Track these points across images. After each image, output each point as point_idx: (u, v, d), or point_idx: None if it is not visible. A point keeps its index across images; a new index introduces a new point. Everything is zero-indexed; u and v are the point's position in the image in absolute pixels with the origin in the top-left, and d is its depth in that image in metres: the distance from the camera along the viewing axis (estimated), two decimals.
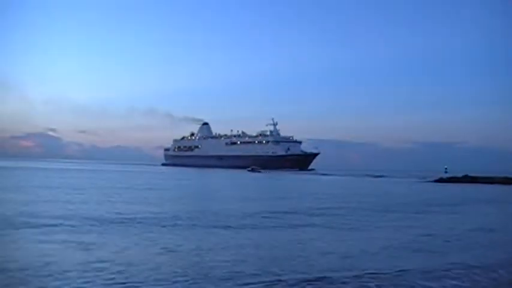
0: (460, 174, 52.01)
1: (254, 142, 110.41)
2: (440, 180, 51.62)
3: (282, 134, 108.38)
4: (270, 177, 57.61)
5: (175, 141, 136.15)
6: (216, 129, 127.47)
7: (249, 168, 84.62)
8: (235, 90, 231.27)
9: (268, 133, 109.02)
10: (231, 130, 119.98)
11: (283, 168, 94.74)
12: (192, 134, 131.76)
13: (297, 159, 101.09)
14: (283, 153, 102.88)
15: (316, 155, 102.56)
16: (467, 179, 49.62)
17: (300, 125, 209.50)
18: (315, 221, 14.68)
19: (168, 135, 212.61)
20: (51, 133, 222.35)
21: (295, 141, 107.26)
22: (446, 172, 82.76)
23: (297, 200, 23.81)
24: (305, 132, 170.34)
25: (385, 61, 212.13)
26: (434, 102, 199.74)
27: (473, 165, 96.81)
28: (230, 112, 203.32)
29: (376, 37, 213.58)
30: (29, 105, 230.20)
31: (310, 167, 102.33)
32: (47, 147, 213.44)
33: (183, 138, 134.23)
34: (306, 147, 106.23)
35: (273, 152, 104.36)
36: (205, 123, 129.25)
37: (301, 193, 29.50)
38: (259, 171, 79.88)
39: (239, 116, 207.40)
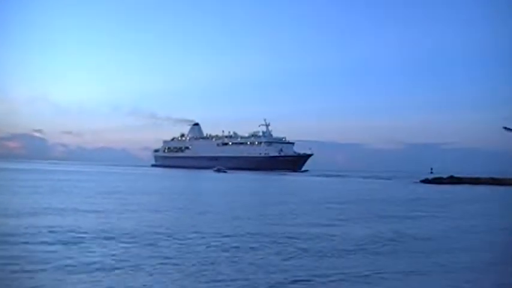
0: (445, 175, 54.55)
1: (246, 143, 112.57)
2: (426, 181, 54.05)
3: (274, 135, 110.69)
4: (254, 180, 59.65)
5: (165, 142, 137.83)
6: (206, 130, 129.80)
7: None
8: (225, 91, 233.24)
9: (260, 134, 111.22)
10: (223, 131, 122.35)
11: (276, 170, 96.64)
12: (182, 135, 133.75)
13: (290, 161, 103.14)
14: (276, 154, 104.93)
15: (309, 156, 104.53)
16: (452, 180, 52.01)
17: (287, 126, 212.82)
18: (287, 223, 15.73)
19: (155, 136, 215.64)
20: (36, 134, 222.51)
21: (288, 142, 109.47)
22: (431, 173, 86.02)
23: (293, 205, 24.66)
24: (292, 133, 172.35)
25: (374, 63, 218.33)
26: (421, 103, 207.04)
27: (460, 166, 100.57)
28: (220, 113, 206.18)
29: (365, 38, 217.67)
30: (13, 105, 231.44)
31: (304, 169, 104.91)
32: (32, 148, 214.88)
33: (173, 139, 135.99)
34: (295, 149, 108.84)
35: (265, 153, 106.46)
36: (196, 124, 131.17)
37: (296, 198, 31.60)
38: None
39: (229, 116, 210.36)
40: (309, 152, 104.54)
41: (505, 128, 51.18)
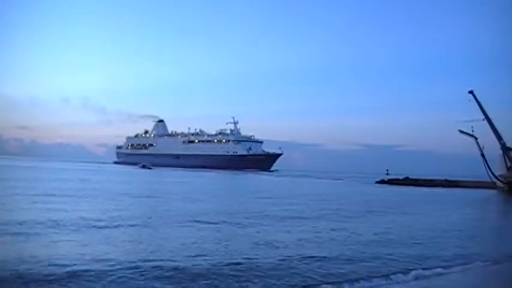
0: (401, 177, 58.13)
1: (213, 141, 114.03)
2: (382, 182, 57.41)
3: (242, 133, 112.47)
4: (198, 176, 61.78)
5: (128, 138, 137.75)
6: (171, 127, 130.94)
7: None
8: (190, 87, 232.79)
9: (228, 132, 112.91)
10: (189, 128, 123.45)
11: (245, 169, 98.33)
12: (146, 132, 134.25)
13: (259, 160, 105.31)
14: (244, 153, 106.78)
15: (279, 155, 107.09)
16: (408, 182, 55.30)
17: (254, 125, 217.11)
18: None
19: (111, 132, 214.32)
20: None
21: (257, 141, 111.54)
22: (387, 174, 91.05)
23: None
24: (257, 132, 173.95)
25: (330, 64, 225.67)
26: (377, 105, 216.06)
27: (416, 168, 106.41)
28: (185, 110, 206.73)
29: (322, 40, 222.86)
30: None
31: (273, 168, 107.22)
32: None
33: (136, 135, 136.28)
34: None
35: (234, 152, 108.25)
36: (161, 121, 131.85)
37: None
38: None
39: (194, 113, 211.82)
40: (278, 151, 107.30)
41: (460, 131, 54.60)
